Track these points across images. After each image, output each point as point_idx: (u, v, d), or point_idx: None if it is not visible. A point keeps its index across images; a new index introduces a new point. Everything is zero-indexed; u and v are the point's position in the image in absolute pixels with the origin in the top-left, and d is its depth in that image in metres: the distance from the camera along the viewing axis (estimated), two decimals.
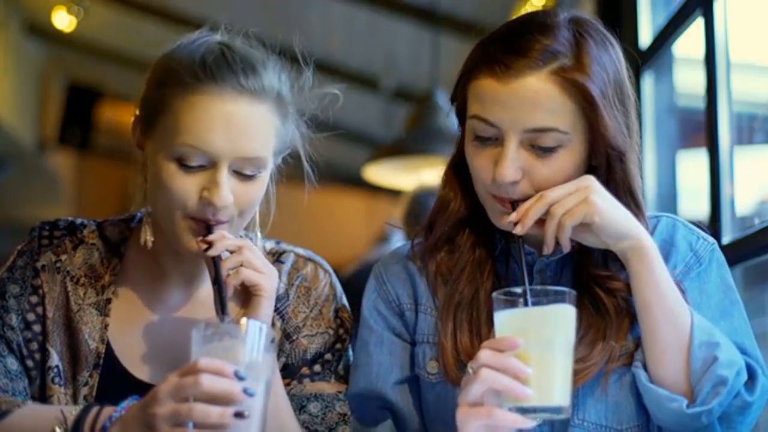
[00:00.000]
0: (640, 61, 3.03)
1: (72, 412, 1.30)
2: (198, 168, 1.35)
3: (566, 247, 1.31)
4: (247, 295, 1.38)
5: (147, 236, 1.46)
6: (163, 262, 1.50)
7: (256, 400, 1.17)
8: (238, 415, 1.15)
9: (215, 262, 1.35)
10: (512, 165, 1.31)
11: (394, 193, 5.64)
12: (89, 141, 7.53)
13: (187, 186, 1.35)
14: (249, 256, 1.36)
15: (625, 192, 1.36)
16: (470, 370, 1.21)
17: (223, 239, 1.36)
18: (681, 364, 1.29)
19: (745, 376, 1.31)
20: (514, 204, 1.33)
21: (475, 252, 1.44)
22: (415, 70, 5.26)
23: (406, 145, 4.28)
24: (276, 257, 1.56)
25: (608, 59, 1.34)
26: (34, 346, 1.45)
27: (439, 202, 1.48)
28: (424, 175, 4.34)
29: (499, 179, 1.32)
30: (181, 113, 1.35)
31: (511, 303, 1.21)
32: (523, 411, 1.17)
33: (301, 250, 1.59)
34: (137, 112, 1.45)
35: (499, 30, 1.38)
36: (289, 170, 1.56)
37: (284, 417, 1.40)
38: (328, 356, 1.52)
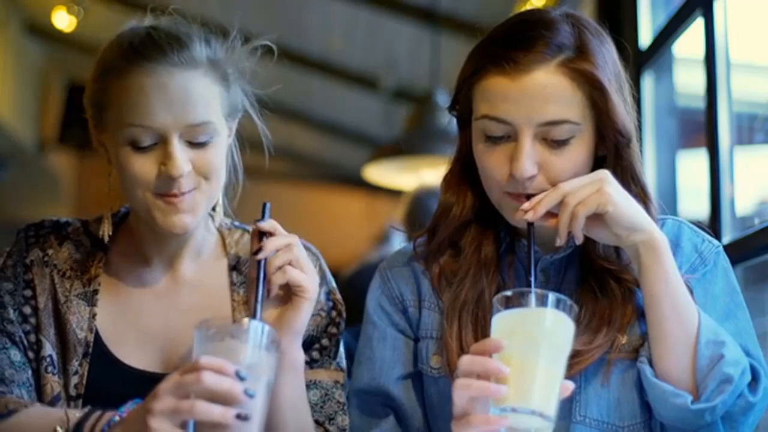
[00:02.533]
0: (640, 61, 3.03)
1: (75, 414, 1.31)
2: (151, 147, 1.39)
3: (579, 239, 1.31)
4: (286, 295, 1.37)
5: (105, 230, 1.50)
6: (146, 248, 1.52)
7: (257, 402, 1.17)
8: (240, 416, 1.14)
9: (260, 261, 1.33)
10: (529, 160, 1.33)
11: (394, 193, 5.65)
12: (89, 141, 7.52)
13: (144, 165, 1.39)
14: (298, 255, 1.35)
15: (633, 179, 1.38)
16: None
17: (273, 240, 1.35)
18: (687, 360, 1.30)
19: (749, 377, 1.31)
20: (529, 198, 1.34)
21: (479, 254, 1.45)
22: (415, 70, 5.26)
23: (406, 145, 4.28)
24: None
25: (606, 50, 1.37)
26: (32, 338, 1.47)
27: (441, 208, 1.48)
28: (424, 175, 4.34)
29: (517, 174, 1.33)
30: (121, 98, 1.39)
31: (503, 306, 1.20)
32: (504, 411, 1.15)
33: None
34: (88, 113, 1.49)
35: (498, 29, 1.39)
36: (289, 170, 1.56)
37: (303, 414, 1.41)
38: (324, 341, 1.53)
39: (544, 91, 1.32)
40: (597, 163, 1.38)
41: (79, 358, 1.45)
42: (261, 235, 1.35)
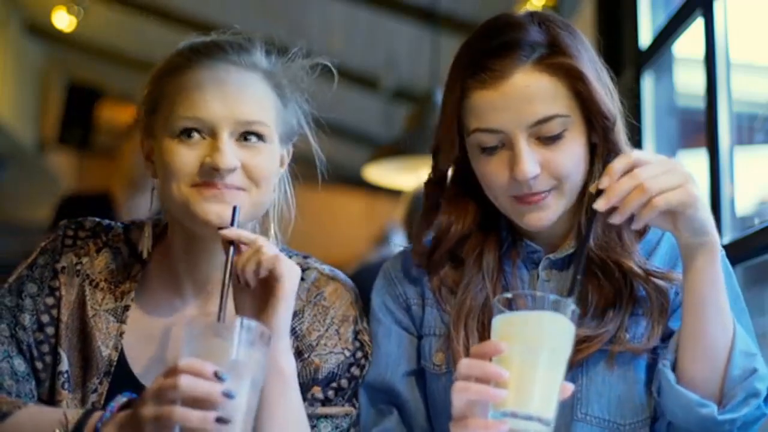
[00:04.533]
0: (640, 61, 3.03)
1: (74, 416, 1.29)
2: (198, 141, 1.37)
3: (639, 226, 1.27)
4: (264, 295, 1.34)
5: (145, 245, 1.47)
6: (178, 269, 1.48)
7: (239, 402, 1.16)
8: (220, 420, 1.13)
9: (229, 258, 1.31)
10: (530, 160, 1.34)
11: (394, 193, 5.64)
12: (89, 141, 7.53)
13: (189, 157, 1.36)
14: (265, 246, 1.33)
15: None
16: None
17: (239, 231, 1.33)
18: (719, 367, 1.29)
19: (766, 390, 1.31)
20: (598, 193, 1.26)
21: (481, 262, 1.45)
22: (415, 70, 5.25)
23: (406, 145, 4.28)
24: None
25: (578, 40, 1.39)
26: (46, 348, 1.43)
27: (443, 226, 1.49)
28: (424, 175, 4.33)
29: (521, 177, 1.33)
30: (177, 91, 1.38)
31: (503, 308, 1.19)
32: (504, 416, 1.14)
33: (326, 268, 1.55)
34: (140, 122, 1.46)
35: (467, 42, 1.41)
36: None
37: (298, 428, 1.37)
38: (343, 382, 1.47)
39: (526, 91, 1.33)
40: (593, 153, 1.40)
41: (100, 375, 1.41)
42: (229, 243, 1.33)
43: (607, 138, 1.38)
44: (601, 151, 1.39)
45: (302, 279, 1.48)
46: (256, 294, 1.35)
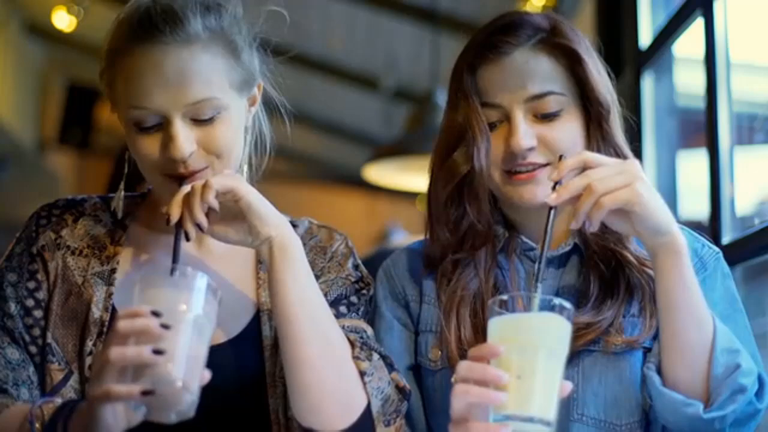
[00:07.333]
0: (640, 61, 3.03)
1: (50, 410, 1.29)
2: (154, 127, 1.37)
3: (595, 227, 1.27)
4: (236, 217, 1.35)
5: (119, 206, 1.49)
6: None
7: (180, 339, 1.14)
8: (157, 351, 1.12)
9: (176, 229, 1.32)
10: (526, 133, 1.38)
11: (394, 193, 5.65)
12: (89, 141, 7.54)
13: (148, 146, 1.37)
14: (214, 181, 1.33)
15: (616, 151, 1.42)
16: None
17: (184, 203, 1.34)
18: (702, 367, 1.29)
19: (757, 385, 1.31)
20: (555, 185, 1.29)
21: (476, 252, 1.46)
22: (415, 70, 5.26)
23: (406, 145, 4.29)
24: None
25: (579, 36, 1.45)
26: (37, 332, 1.43)
27: (453, 219, 1.49)
28: (425, 175, 4.33)
29: (516, 148, 1.38)
30: (122, 79, 1.38)
31: (499, 309, 1.18)
32: (506, 419, 1.14)
33: (315, 221, 1.59)
34: (102, 90, 1.47)
35: (478, 30, 1.46)
36: (289, 170, 1.56)
37: (324, 323, 1.38)
38: (353, 299, 1.49)
39: (525, 68, 1.39)
40: (588, 141, 1.42)
41: (93, 338, 1.41)
42: None
43: (601, 126, 1.42)
44: (595, 137, 1.41)
45: (296, 225, 1.51)
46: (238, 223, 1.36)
